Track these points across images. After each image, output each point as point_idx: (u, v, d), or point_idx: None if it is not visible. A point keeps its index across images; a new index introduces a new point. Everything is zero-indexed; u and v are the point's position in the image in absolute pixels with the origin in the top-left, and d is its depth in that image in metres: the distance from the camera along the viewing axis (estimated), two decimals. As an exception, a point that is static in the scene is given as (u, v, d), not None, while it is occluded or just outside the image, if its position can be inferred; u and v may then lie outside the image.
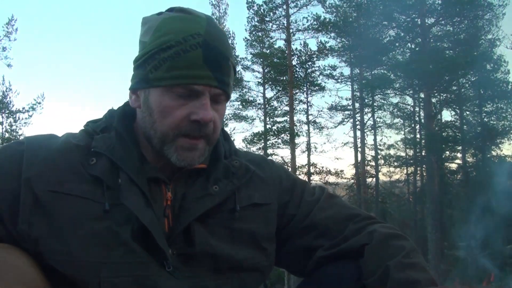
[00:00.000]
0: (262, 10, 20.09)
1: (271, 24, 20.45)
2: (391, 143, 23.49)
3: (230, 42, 0.98)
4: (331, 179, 20.83)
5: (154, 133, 0.89)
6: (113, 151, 0.88)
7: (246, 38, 20.91)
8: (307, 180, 18.29)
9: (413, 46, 18.62)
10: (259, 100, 21.29)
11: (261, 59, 20.82)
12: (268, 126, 20.71)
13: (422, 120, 18.95)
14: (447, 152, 19.74)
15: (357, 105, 21.52)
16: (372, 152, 21.84)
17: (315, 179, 20.18)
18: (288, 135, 19.77)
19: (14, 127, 18.54)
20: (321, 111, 21.45)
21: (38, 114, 18.91)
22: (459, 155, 20.19)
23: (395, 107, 20.77)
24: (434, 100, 18.63)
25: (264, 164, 1.08)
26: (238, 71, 20.40)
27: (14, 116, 18.48)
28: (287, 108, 20.48)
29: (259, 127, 21.90)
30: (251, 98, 21.18)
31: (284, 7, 20.02)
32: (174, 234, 0.88)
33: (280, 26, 20.36)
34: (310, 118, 21.27)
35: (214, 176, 0.95)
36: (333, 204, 1.06)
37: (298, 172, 19.78)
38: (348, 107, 21.58)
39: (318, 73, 21.08)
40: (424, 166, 19.73)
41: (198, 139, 0.88)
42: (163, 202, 0.91)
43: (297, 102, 20.90)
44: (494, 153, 19.07)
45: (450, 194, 19.69)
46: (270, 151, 20.28)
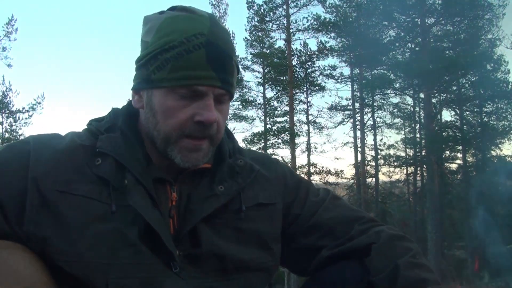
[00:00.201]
0: (262, 10, 20.09)
1: (271, 24, 20.45)
2: (391, 143, 23.60)
3: (230, 41, 0.97)
4: (331, 179, 20.84)
5: (157, 134, 0.88)
6: (119, 151, 0.87)
7: (246, 38, 20.93)
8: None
9: (413, 46, 18.63)
10: (259, 100, 21.31)
11: (261, 59, 20.80)
12: (268, 126, 20.70)
13: (422, 120, 18.94)
14: (447, 152, 19.74)
15: (357, 105, 21.52)
16: (372, 152, 21.85)
17: (315, 179, 20.18)
18: (288, 135, 19.75)
19: (14, 127, 18.54)
20: (321, 111, 21.49)
21: (38, 114, 18.88)
22: (459, 155, 20.20)
23: (395, 107, 20.79)
24: (434, 100, 18.63)
25: (268, 163, 1.07)
26: (238, 71, 20.29)
27: (14, 116, 18.47)
28: (287, 108, 20.48)
29: (259, 127, 21.96)
30: (251, 98, 21.19)
31: (284, 7, 20.01)
32: (180, 235, 0.88)
33: (280, 26, 20.36)
34: (310, 118, 21.31)
35: (219, 176, 0.94)
36: (338, 205, 1.06)
37: (298, 172, 19.71)
38: (348, 107, 21.59)
39: (318, 73, 21.12)
40: (424, 166, 19.73)
41: (202, 139, 0.87)
42: (168, 203, 0.90)
43: (297, 102, 20.92)
44: (494, 153, 19.07)
45: (450, 194, 19.68)
46: (270, 151, 20.25)
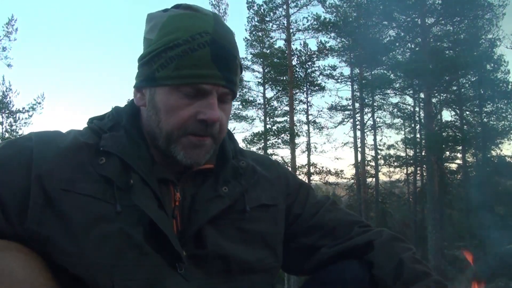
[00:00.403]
0: (262, 10, 20.06)
1: (271, 24, 20.43)
2: (391, 143, 23.61)
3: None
4: (331, 179, 20.81)
5: (159, 132, 0.87)
6: (124, 151, 0.86)
7: (246, 38, 20.88)
8: (307, 180, 18.28)
9: (413, 46, 18.61)
10: (259, 100, 21.26)
11: (261, 59, 20.77)
12: (268, 126, 20.66)
13: (422, 120, 18.93)
14: (447, 152, 19.71)
15: (357, 105, 21.50)
16: (372, 152, 21.86)
17: (315, 179, 20.17)
18: (288, 135, 19.73)
19: (14, 127, 18.50)
20: (321, 111, 21.47)
21: (38, 114, 18.84)
22: (459, 155, 20.19)
23: (395, 107, 20.76)
24: (434, 100, 18.62)
25: (269, 165, 1.07)
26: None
27: (14, 116, 18.44)
28: (287, 108, 20.46)
29: (259, 127, 21.98)
30: (251, 98, 21.13)
31: (284, 7, 19.99)
32: (185, 235, 0.87)
33: (280, 26, 20.34)
34: (310, 118, 21.27)
35: (223, 177, 0.94)
36: (338, 209, 1.08)
37: (298, 172, 19.74)
38: (348, 107, 21.57)
39: (318, 73, 21.06)
40: (424, 166, 19.72)
41: (205, 136, 0.87)
42: (171, 203, 0.90)
43: (297, 102, 20.88)
44: (494, 153, 19.06)
45: (450, 194, 19.69)
46: (270, 151, 20.25)
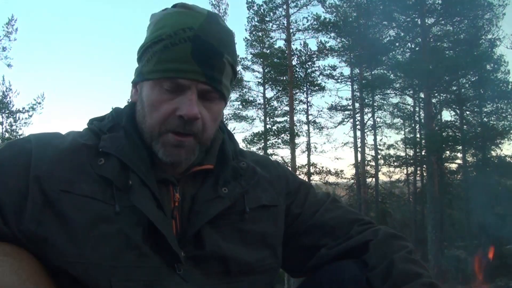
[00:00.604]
0: (262, 10, 20.10)
1: (271, 24, 20.46)
2: (391, 143, 23.58)
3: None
4: (331, 179, 20.85)
5: (145, 127, 0.88)
6: (122, 152, 0.86)
7: (246, 38, 20.92)
8: (307, 180, 18.27)
9: (413, 46, 18.63)
10: (259, 100, 21.31)
11: (261, 59, 20.78)
12: (268, 126, 20.69)
13: (422, 120, 18.94)
14: (447, 152, 19.71)
15: (357, 105, 21.52)
16: (372, 152, 21.86)
17: (315, 179, 20.18)
18: (288, 135, 19.75)
19: (14, 127, 18.55)
20: (321, 111, 21.51)
21: (38, 114, 18.91)
22: (459, 155, 20.16)
23: (395, 107, 20.78)
24: (434, 100, 18.62)
25: (269, 165, 1.07)
26: (238, 71, 20.31)
27: (14, 116, 18.48)
28: (287, 108, 20.47)
29: (259, 127, 21.96)
30: (251, 98, 21.18)
31: (284, 7, 20.02)
32: (184, 236, 0.87)
33: (280, 26, 20.37)
34: (310, 118, 21.31)
35: (223, 178, 0.93)
36: (339, 207, 1.07)
37: (298, 172, 19.74)
38: (348, 107, 21.59)
39: (318, 73, 21.12)
40: (424, 166, 19.73)
41: (186, 136, 0.85)
42: (170, 204, 0.89)
43: (297, 102, 20.91)
44: (494, 153, 19.05)
45: (450, 194, 19.68)
46: (270, 151, 20.27)
